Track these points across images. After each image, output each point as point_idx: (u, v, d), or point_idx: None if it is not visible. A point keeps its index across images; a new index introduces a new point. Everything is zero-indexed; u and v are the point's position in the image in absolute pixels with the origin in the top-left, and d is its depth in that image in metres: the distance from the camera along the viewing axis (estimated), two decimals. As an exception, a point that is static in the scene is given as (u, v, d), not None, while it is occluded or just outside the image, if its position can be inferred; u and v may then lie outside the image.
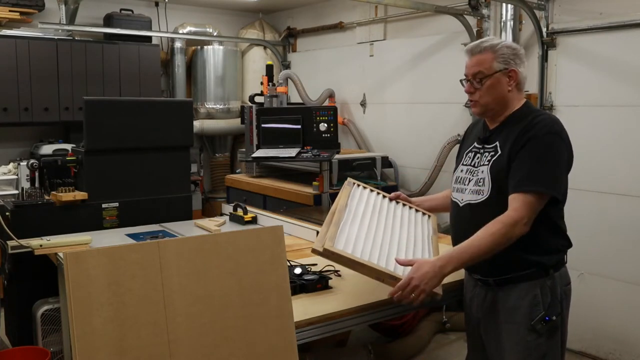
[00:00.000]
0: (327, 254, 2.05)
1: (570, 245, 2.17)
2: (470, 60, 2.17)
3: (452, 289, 2.46)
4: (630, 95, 3.65)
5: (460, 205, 2.20)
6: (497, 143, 2.13)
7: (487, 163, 2.12)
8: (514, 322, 2.09)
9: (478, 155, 2.19)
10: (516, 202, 1.99)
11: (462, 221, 2.21)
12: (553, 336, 2.08)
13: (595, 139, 3.79)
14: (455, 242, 2.26)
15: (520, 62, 2.14)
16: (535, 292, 2.06)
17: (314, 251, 2.08)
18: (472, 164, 2.20)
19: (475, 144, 2.24)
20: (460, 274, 2.35)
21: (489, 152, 2.14)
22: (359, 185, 2.63)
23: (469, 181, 2.18)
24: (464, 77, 2.19)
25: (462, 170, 2.25)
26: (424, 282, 1.96)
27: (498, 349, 2.15)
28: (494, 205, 2.06)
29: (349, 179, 2.65)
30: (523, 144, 2.03)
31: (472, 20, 4.45)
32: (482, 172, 2.13)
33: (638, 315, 3.69)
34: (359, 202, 2.49)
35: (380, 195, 2.64)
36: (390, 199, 2.62)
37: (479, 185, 2.13)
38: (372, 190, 2.65)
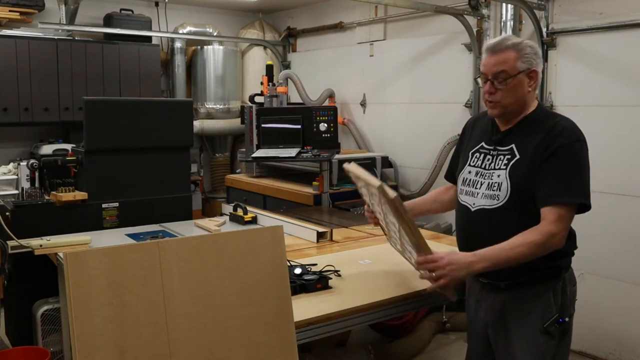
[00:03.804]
0: (397, 203, 1.96)
1: (576, 247, 2.16)
2: (490, 59, 2.05)
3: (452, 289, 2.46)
4: (630, 95, 3.65)
5: (472, 209, 2.13)
6: (514, 146, 2.07)
7: (505, 167, 2.06)
8: (526, 325, 2.06)
9: (489, 157, 2.13)
10: (552, 215, 1.94)
11: (476, 226, 2.14)
12: (564, 338, 2.07)
13: (595, 139, 3.76)
14: (466, 247, 2.19)
15: (540, 62, 2.08)
16: (548, 294, 2.04)
17: (380, 188, 1.98)
18: (483, 166, 2.13)
19: (484, 144, 2.17)
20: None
21: (504, 155, 2.08)
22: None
23: (481, 184, 2.11)
24: (481, 76, 2.09)
25: (470, 172, 2.18)
26: (451, 267, 1.95)
27: (508, 352, 2.11)
28: (512, 210, 2.02)
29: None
30: (552, 152, 1.97)
31: (472, 20, 4.45)
32: (499, 176, 2.06)
33: (638, 315, 3.69)
34: None
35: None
36: None
37: (494, 190, 2.06)
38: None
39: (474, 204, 2.13)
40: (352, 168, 2.42)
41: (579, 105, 3.92)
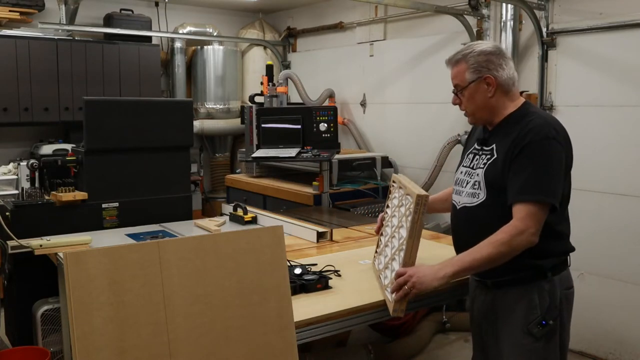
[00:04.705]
0: (422, 219, 2.07)
1: (571, 249, 2.14)
2: (450, 72, 2.18)
3: (452, 289, 2.47)
4: (630, 95, 3.65)
5: (457, 208, 2.20)
6: (494, 145, 2.10)
7: (483, 166, 2.10)
8: (511, 325, 2.07)
9: (477, 157, 2.17)
10: (520, 213, 1.94)
11: (459, 224, 2.20)
12: (551, 340, 2.06)
13: (594, 139, 3.80)
14: (455, 245, 2.26)
15: (496, 66, 2.08)
16: (532, 295, 2.04)
17: (424, 198, 2.06)
18: (471, 165, 2.18)
19: (476, 145, 2.22)
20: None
21: (486, 155, 2.12)
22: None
23: (467, 184, 2.16)
24: None
25: (461, 172, 2.24)
26: (417, 276, 1.99)
27: (497, 351, 2.14)
28: (489, 208, 2.05)
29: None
30: (520, 151, 1.99)
31: (472, 20, 4.45)
32: (478, 175, 2.11)
33: (638, 315, 3.69)
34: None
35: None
36: None
37: (475, 188, 2.11)
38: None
39: (459, 202, 2.19)
40: (401, 177, 2.54)
41: (579, 105, 3.92)
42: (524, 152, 1.98)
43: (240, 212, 3.63)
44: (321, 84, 5.76)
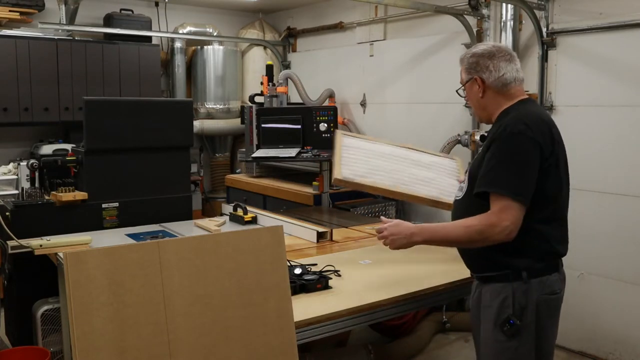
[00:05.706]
0: (337, 182, 2.38)
1: (558, 252, 2.09)
2: None
3: (452, 289, 2.47)
4: (630, 95, 3.65)
5: (453, 201, 2.31)
6: (485, 142, 2.18)
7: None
8: (487, 321, 2.11)
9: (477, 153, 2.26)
10: (496, 206, 1.97)
11: (452, 215, 2.29)
12: (523, 342, 2.03)
13: (595, 139, 3.79)
14: None
15: (483, 68, 2.12)
16: (507, 293, 2.03)
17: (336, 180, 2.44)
18: (471, 161, 2.26)
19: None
20: (468, 273, 2.34)
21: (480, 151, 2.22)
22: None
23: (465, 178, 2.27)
24: None
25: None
26: (392, 237, 2.16)
27: (477, 342, 2.22)
28: (467, 202, 2.12)
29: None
30: (488, 146, 2.05)
31: (472, 20, 4.45)
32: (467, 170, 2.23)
33: (638, 315, 3.69)
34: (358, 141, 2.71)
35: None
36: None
37: (463, 182, 2.21)
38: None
39: (456, 196, 2.27)
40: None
41: (579, 105, 3.92)
42: (491, 147, 2.04)
43: (240, 212, 3.63)
44: (321, 84, 5.76)
